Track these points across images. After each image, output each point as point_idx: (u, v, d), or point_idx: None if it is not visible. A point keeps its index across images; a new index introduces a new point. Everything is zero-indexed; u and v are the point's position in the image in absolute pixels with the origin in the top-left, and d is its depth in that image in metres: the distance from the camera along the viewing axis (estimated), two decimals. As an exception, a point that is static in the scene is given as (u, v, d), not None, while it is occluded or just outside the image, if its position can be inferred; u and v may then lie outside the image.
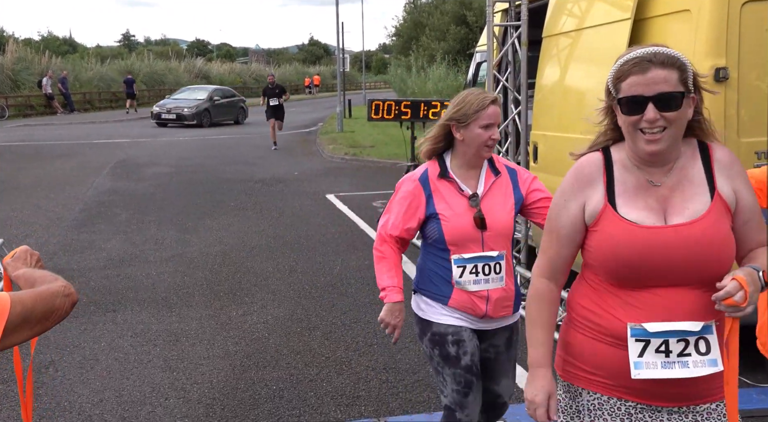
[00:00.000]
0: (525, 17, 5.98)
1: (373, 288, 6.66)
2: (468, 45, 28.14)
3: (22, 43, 42.84)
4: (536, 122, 5.93)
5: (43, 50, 40.40)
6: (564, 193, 2.12)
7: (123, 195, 11.84)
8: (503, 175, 3.03)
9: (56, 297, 1.67)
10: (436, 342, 3.00)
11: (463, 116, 2.90)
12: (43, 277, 1.76)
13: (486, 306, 2.98)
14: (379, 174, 14.65)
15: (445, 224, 2.94)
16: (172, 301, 6.33)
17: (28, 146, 19.60)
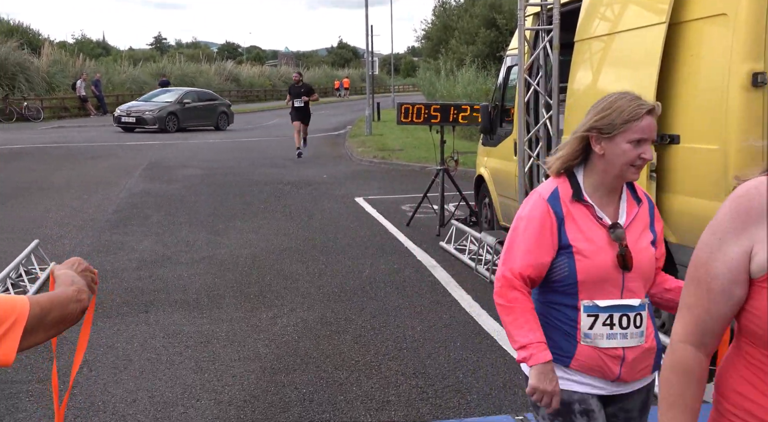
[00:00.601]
0: (557, 21, 5.95)
1: (402, 292, 6.66)
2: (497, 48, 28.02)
3: (57, 46, 43.59)
4: (568, 127, 5.89)
5: (78, 53, 41.03)
6: (719, 231, 1.55)
7: (155, 196, 11.97)
8: (644, 205, 2.44)
9: (70, 303, 1.71)
10: (559, 412, 2.36)
11: (608, 126, 2.33)
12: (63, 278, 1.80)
13: (620, 368, 2.35)
14: (407, 177, 14.65)
15: (579, 260, 2.30)
16: (203, 303, 6.39)
17: (62, 147, 19.92)
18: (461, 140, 19.42)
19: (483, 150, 8.56)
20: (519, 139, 6.38)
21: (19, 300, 1.58)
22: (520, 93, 6.30)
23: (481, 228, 8.66)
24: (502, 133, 7.87)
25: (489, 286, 6.84)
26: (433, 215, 9.80)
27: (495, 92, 8.51)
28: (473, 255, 7.66)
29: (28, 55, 35.12)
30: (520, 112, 6.35)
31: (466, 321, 5.87)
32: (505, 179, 7.63)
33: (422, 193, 9.87)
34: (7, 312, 1.54)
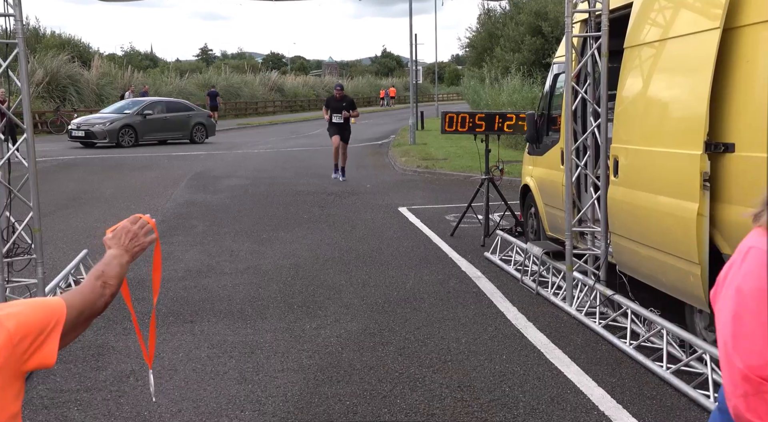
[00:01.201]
0: (606, 27, 5.86)
1: (446, 303, 6.62)
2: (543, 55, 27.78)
3: (107, 59, 44.69)
4: (617, 135, 5.80)
5: (126, 65, 42.03)
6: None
7: (200, 206, 12.14)
8: None
9: (98, 300, 1.81)
10: None
11: None
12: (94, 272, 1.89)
13: None
14: (452, 187, 14.59)
15: None
16: (247, 313, 6.43)
17: (110, 158, 20.36)
18: (506, 149, 19.28)
19: (529, 159, 8.48)
20: (566, 147, 6.30)
21: (57, 305, 1.68)
22: (567, 101, 6.22)
23: (527, 239, 8.57)
24: (548, 142, 7.79)
25: (535, 298, 6.76)
26: (477, 225, 9.73)
27: (541, 100, 8.43)
28: (519, 266, 7.57)
29: (79, 67, 36.13)
30: (567, 121, 6.27)
31: (512, 334, 5.80)
32: (551, 189, 7.54)
33: (467, 202, 9.81)
34: (48, 317, 1.64)
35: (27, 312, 1.62)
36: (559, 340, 5.61)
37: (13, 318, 1.58)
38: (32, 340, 1.59)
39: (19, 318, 1.59)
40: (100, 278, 1.86)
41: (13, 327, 1.56)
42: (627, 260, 5.80)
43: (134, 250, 2.01)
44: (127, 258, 1.98)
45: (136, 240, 2.03)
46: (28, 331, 1.59)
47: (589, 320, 5.93)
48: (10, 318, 1.58)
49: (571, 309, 6.25)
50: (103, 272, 1.88)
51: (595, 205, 6.35)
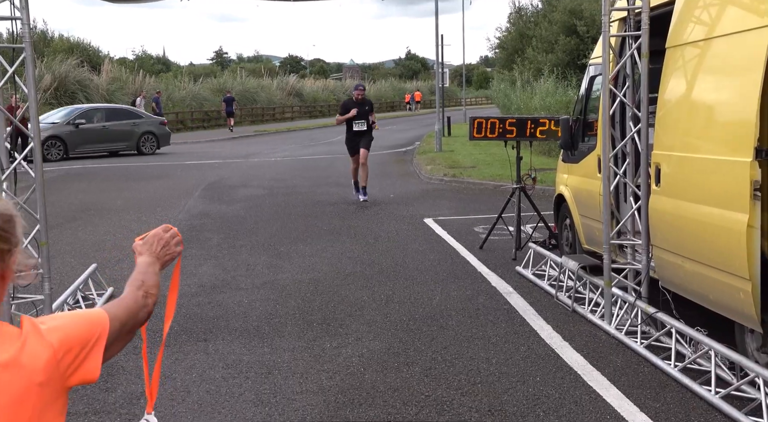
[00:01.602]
0: (646, 26, 5.83)
1: (476, 321, 6.58)
2: (578, 56, 27.71)
3: (117, 63, 45.35)
4: (659, 141, 5.75)
5: (137, 69, 42.56)
6: None
7: (214, 218, 12.21)
8: None
9: (140, 310, 1.86)
10: None
11: None
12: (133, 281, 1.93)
13: None
14: (481, 196, 14.55)
15: None
16: (264, 331, 6.44)
17: (120, 167, 20.59)
18: (539, 156, 19.20)
19: (563, 167, 8.44)
20: (603, 154, 6.26)
21: (100, 317, 1.72)
22: (604, 105, 6.18)
23: (561, 252, 8.52)
24: (584, 149, 7.75)
25: (571, 316, 6.70)
26: (508, 237, 9.68)
27: (576, 104, 8.40)
28: (553, 282, 7.52)
29: (88, 72, 36.63)
30: (604, 126, 6.23)
31: (546, 354, 5.75)
32: (588, 199, 7.49)
33: (497, 213, 9.77)
34: (91, 330, 1.67)
35: (70, 326, 1.66)
36: (597, 361, 5.55)
37: (56, 331, 1.62)
38: (76, 355, 1.62)
39: (63, 331, 1.63)
40: (141, 287, 1.91)
41: (57, 341, 1.60)
42: (670, 275, 5.73)
43: (165, 259, 2.07)
44: (158, 266, 2.04)
45: (167, 248, 2.09)
46: (71, 345, 1.62)
47: (630, 340, 5.87)
48: (52, 332, 1.61)
49: (610, 327, 6.19)
50: (143, 281, 1.93)
51: (636, 216, 6.30)
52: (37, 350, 1.56)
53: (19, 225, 1.64)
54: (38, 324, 1.62)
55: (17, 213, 1.64)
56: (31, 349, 1.55)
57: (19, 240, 1.63)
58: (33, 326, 1.60)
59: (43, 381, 1.54)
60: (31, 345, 1.56)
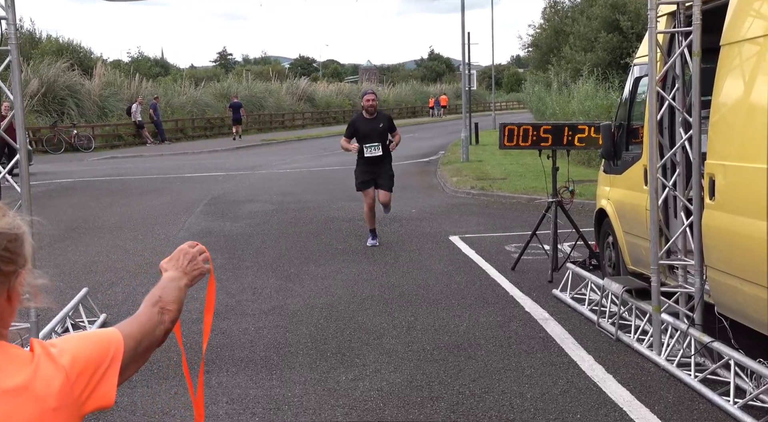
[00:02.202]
0: (698, 21, 5.80)
1: (508, 350, 6.54)
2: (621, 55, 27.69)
3: (111, 66, 45.81)
4: (712, 149, 5.72)
5: (133, 73, 42.98)
6: None
7: (217, 236, 12.26)
8: None
9: (156, 328, 1.91)
10: None
11: None
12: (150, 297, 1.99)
13: None
14: (512, 212, 14.52)
15: None
16: (273, 362, 6.44)
17: (114, 181, 20.76)
18: (578, 167, 19.15)
19: (605, 178, 8.41)
20: (650, 164, 6.22)
21: (113, 337, 1.76)
22: (651, 109, 6.16)
23: (603, 274, 8.47)
24: (628, 158, 7.72)
25: (615, 345, 6.65)
26: (544, 257, 9.63)
27: (619, 108, 8.38)
28: (595, 307, 7.47)
29: (79, 76, 37.02)
30: (651, 132, 6.20)
31: (587, 388, 5.71)
32: (633, 214, 7.46)
33: (530, 230, 9.74)
34: (105, 351, 1.72)
35: (82, 348, 1.70)
36: (645, 397, 5.50)
37: (68, 354, 1.66)
38: (89, 377, 1.66)
39: (75, 354, 1.67)
40: (157, 304, 1.96)
41: (69, 363, 1.64)
42: (728, 300, 5.68)
43: (194, 274, 2.15)
44: (185, 281, 2.11)
45: (195, 263, 2.16)
46: (84, 367, 1.66)
47: (683, 372, 5.81)
48: (64, 355, 1.65)
49: (660, 358, 6.13)
50: (160, 297, 1.98)
51: (687, 233, 6.25)
52: (49, 374, 1.61)
53: (28, 243, 1.68)
54: (49, 347, 1.67)
55: (26, 230, 1.68)
56: (44, 374, 1.60)
57: (27, 260, 1.67)
58: (44, 349, 1.65)
59: (57, 407, 1.59)
60: (43, 369, 1.61)
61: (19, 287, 1.66)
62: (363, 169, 11.10)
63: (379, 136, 10.88)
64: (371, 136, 10.82)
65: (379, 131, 10.92)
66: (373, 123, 10.91)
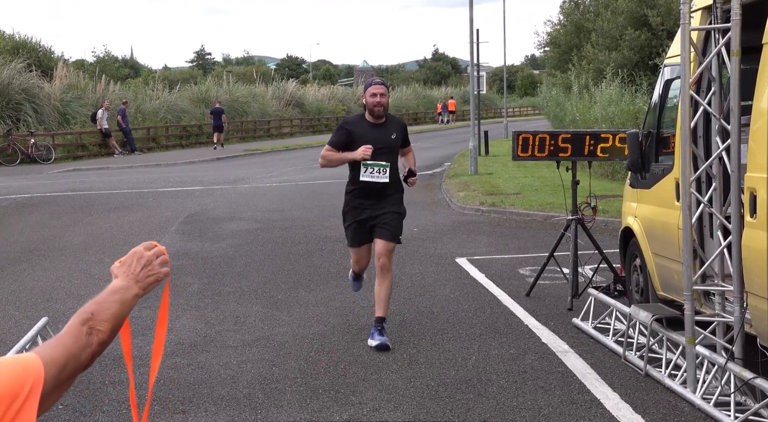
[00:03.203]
0: (737, 17, 5.83)
1: (522, 387, 6.55)
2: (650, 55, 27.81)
3: (74, 66, 45.96)
4: (754, 161, 5.75)
5: (99, 75, 43.09)
6: None
7: (195, 259, 12.28)
8: None
9: (83, 351, 1.87)
10: None
11: None
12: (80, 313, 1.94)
13: None
14: (527, 231, 14.55)
15: None
16: (257, 400, 6.44)
17: (78, 196, 20.78)
18: (601, 180, 19.22)
19: (632, 193, 8.45)
20: (683, 178, 6.25)
21: (31, 364, 1.73)
22: (684, 115, 6.19)
23: (630, 301, 8.48)
24: (658, 171, 7.76)
25: (643, 381, 6.66)
26: (563, 282, 9.65)
27: (648, 115, 8.43)
28: (620, 338, 7.48)
29: (37, 78, 36.97)
30: (684, 142, 6.23)
31: (613, 430, 5.71)
32: (663, 233, 7.48)
33: (547, 251, 9.76)
34: (23, 381, 1.69)
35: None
36: (678, 439, 5.51)
37: None
38: (5, 411, 1.64)
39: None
40: (87, 322, 1.92)
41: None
42: (771, 330, 5.69)
43: (147, 281, 2.11)
44: (135, 290, 2.07)
45: (150, 268, 2.13)
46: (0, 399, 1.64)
47: (722, 413, 5.81)
48: None
49: (695, 397, 6.14)
50: (92, 314, 1.94)
51: (725, 256, 6.27)
52: None
53: None
54: None
55: None
56: None
57: None
58: None
59: None
60: None
61: None
62: (356, 205, 8.14)
63: (388, 153, 7.92)
64: (376, 152, 7.80)
65: (390, 144, 7.96)
66: (380, 131, 7.94)
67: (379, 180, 7.85)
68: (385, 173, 7.83)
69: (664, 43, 25.41)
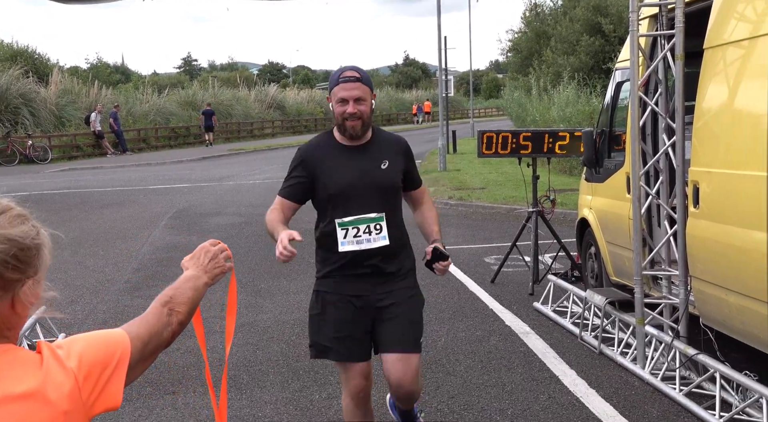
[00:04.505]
0: (681, 24, 5.89)
1: (488, 366, 6.59)
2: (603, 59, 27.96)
3: (68, 73, 45.52)
4: (696, 156, 5.80)
5: (92, 80, 42.74)
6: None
7: (183, 251, 12.11)
8: None
9: (164, 329, 1.98)
10: None
11: None
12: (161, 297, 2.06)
13: None
14: (491, 222, 14.60)
15: None
16: (242, 381, 6.45)
17: (73, 194, 20.62)
18: (559, 175, 19.31)
19: (587, 187, 8.49)
20: (633, 172, 6.30)
21: (120, 338, 1.83)
22: (633, 115, 6.24)
23: (586, 286, 8.54)
24: (610, 166, 7.80)
25: (598, 359, 6.72)
26: (524, 269, 9.70)
27: (601, 114, 8.46)
28: (577, 320, 7.54)
29: (34, 84, 36.63)
30: (633, 139, 6.28)
31: (569, 403, 5.76)
32: (615, 223, 7.53)
33: (510, 241, 9.81)
34: (111, 353, 1.78)
35: (88, 350, 1.75)
36: (629, 412, 5.57)
37: (75, 356, 1.72)
38: (96, 380, 1.72)
39: (81, 356, 1.73)
40: (167, 304, 2.02)
41: (76, 366, 1.70)
42: (713, 311, 5.76)
43: (215, 272, 2.23)
44: (205, 279, 2.18)
45: (216, 261, 2.25)
46: (91, 370, 1.72)
47: (667, 386, 5.88)
48: (71, 358, 1.71)
49: (644, 372, 6.20)
50: (171, 297, 2.04)
51: (671, 243, 6.33)
52: (59, 378, 1.67)
53: (43, 255, 1.77)
54: (56, 349, 1.72)
55: (43, 242, 1.77)
56: (54, 378, 1.66)
57: (37, 271, 1.75)
58: (52, 352, 1.71)
59: (68, 411, 1.65)
60: (53, 373, 1.67)
61: (24, 296, 1.71)
62: (339, 299, 4.43)
63: (380, 196, 4.45)
64: (355, 198, 4.37)
65: (381, 182, 4.46)
66: (362, 159, 4.43)
67: (373, 245, 4.33)
68: (379, 232, 4.35)
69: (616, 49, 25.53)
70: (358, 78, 4.23)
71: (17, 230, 1.71)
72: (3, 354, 1.68)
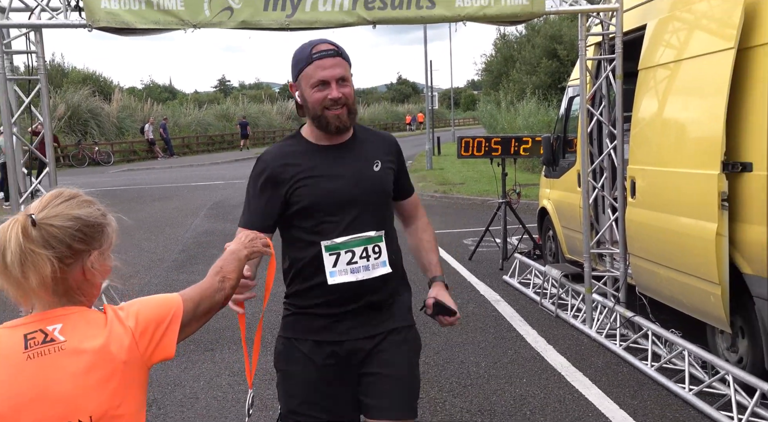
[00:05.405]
0: (620, 50, 5.89)
1: (465, 327, 6.59)
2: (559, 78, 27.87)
3: (127, 92, 45.38)
4: (633, 156, 5.80)
5: (146, 98, 42.64)
6: None
7: (219, 235, 12.21)
8: None
9: (216, 293, 1.96)
10: None
11: None
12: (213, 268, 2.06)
13: None
14: (469, 211, 14.58)
15: None
16: (268, 340, 6.44)
17: (130, 190, 20.58)
18: (523, 172, 19.28)
19: (546, 182, 8.49)
20: (582, 170, 6.31)
21: (173, 300, 1.84)
22: (582, 123, 6.24)
23: (545, 262, 8.55)
24: (565, 165, 7.80)
25: (555, 321, 6.72)
26: (495, 249, 9.71)
27: (557, 123, 8.45)
28: (538, 289, 7.55)
29: (100, 101, 36.63)
30: (583, 143, 6.28)
31: (531, 357, 5.77)
32: (569, 211, 7.53)
33: (484, 226, 9.81)
34: (165, 311, 1.79)
35: (144, 309, 1.77)
36: (579, 363, 5.58)
37: (133, 316, 1.74)
38: (152, 334, 1.74)
39: (138, 315, 1.75)
40: (219, 273, 2.02)
41: (134, 324, 1.72)
42: (647, 281, 5.77)
43: (253, 248, 2.21)
44: (245, 252, 2.15)
45: (254, 241, 2.24)
46: (146, 326, 1.74)
47: (610, 342, 5.89)
48: (130, 318, 1.74)
49: (591, 331, 6.21)
50: (221, 267, 2.04)
51: (613, 227, 6.34)
52: (120, 335, 1.69)
53: (107, 233, 1.80)
54: (118, 310, 1.75)
55: (107, 222, 1.82)
56: (116, 335, 1.69)
57: (101, 245, 1.77)
58: (115, 313, 1.74)
59: (127, 360, 1.68)
60: (115, 331, 1.70)
61: (90, 265, 1.73)
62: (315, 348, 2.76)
63: (375, 207, 2.71)
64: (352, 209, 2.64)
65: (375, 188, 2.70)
66: (346, 159, 2.67)
67: (372, 273, 2.73)
68: (378, 256, 2.77)
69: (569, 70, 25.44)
70: (336, 51, 2.58)
71: (83, 210, 1.76)
72: (76, 313, 1.71)
